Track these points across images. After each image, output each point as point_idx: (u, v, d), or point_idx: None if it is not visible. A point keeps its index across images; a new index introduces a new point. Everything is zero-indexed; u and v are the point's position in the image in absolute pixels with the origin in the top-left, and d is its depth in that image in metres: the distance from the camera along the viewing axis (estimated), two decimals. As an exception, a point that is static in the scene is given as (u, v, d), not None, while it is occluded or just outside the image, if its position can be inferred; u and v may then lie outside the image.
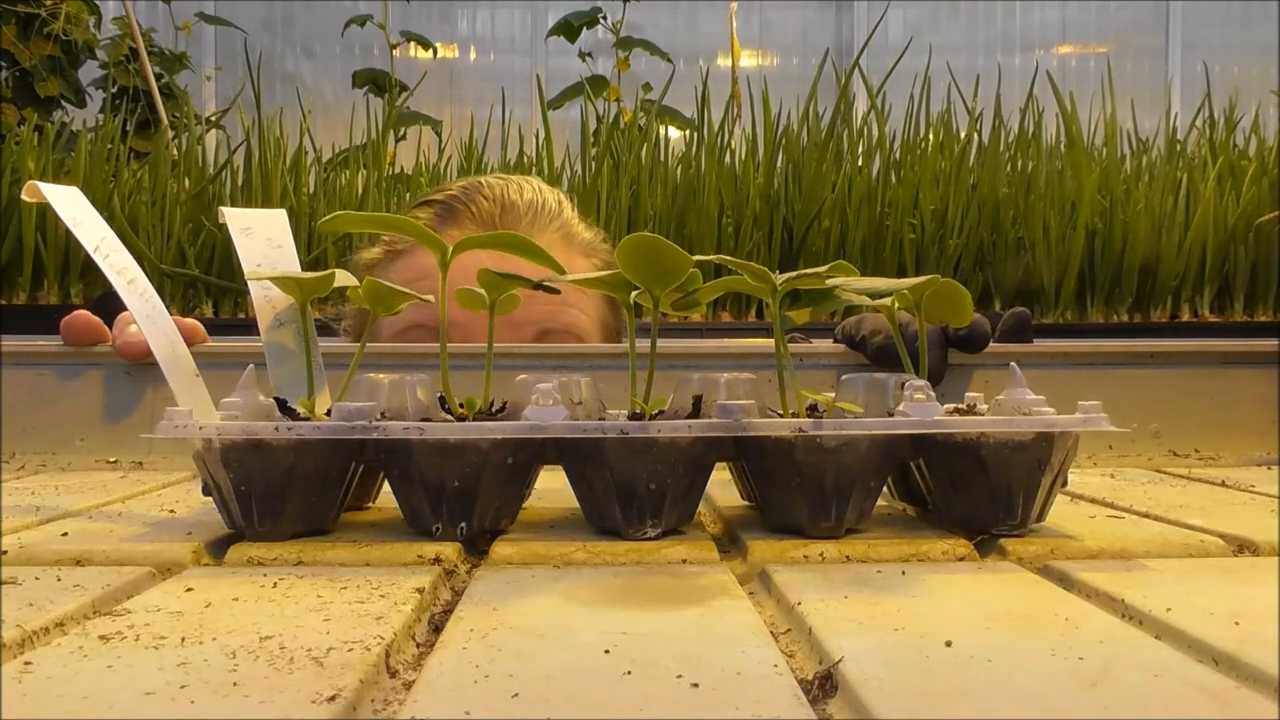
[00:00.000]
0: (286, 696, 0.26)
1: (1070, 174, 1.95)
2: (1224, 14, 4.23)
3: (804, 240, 1.89)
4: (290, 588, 0.37)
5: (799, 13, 4.33)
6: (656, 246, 0.45)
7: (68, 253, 1.86)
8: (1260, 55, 3.98)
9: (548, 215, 0.93)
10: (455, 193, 0.94)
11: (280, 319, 0.53)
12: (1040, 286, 1.91)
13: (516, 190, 0.94)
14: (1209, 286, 1.94)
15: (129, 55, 2.71)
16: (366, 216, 0.55)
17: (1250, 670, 0.27)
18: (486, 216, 0.90)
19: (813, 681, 0.28)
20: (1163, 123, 2.18)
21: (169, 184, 1.91)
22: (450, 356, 0.50)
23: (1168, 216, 1.91)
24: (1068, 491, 0.55)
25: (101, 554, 0.42)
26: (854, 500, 0.45)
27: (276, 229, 0.56)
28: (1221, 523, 0.48)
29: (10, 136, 2.03)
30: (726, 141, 1.97)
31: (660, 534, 0.45)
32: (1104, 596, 0.36)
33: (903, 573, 0.40)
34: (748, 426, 0.44)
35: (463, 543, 0.44)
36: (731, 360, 0.75)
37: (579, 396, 0.49)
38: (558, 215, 0.94)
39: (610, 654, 0.29)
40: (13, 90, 2.56)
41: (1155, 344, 0.77)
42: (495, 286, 0.50)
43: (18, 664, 0.28)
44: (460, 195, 0.93)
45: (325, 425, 0.44)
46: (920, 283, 0.47)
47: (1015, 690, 0.26)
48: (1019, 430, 0.44)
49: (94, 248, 0.52)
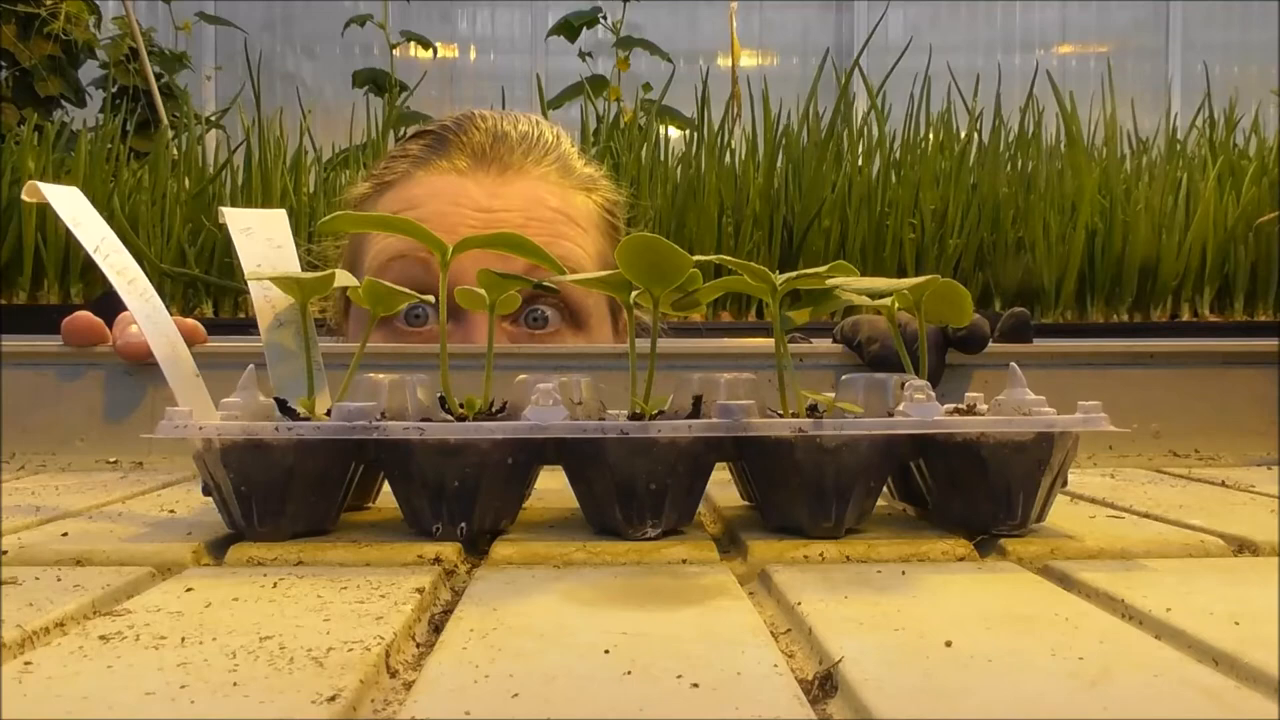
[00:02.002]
0: (286, 696, 0.26)
1: (1070, 174, 1.95)
2: (1224, 14, 4.23)
3: (804, 240, 1.89)
4: (290, 588, 0.37)
5: (799, 13, 4.32)
6: (656, 246, 0.45)
7: (68, 253, 1.86)
8: (1260, 55, 3.98)
9: (543, 147, 0.89)
10: (447, 123, 0.90)
11: (280, 319, 0.53)
12: (1040, 286, 1.91)
13: (511, 122, 0.90)
14: (1209, 286, 1.94)
15: (129, 55, 2.71)
16: (366, 216, 0.55)
17: (1250, 670, 0.27)
18: (477, 148, 0.87)
19: (813, 681, 0.28)
20: (1163, 123, 2.18)
21: (169, 184, 1.91)
22: (450, 357, 0.50)
23: (1168, 216, 1.91)
24: (1068, 491, 0.55)
25: (101, 554, 0.42)
26: (854, 500, 0.45)
27: (276, 229, 0.56)
28: (1221, 523, 0.48)
29: (10, 136, 2.03)
30: (726, 141, 1.97)
31: (660, 534, 0.45)
32: (1104, 596, 0.36)
33: (903, 573, 0.40)
34: (748, 426, 0.44)
35: (463, 543, 0.44)
36: (731, 360, 0.75)
37: (579, 396, 0.49)
38: (554, 148, 0.90)
39: (610, 654, 0.29)
40: (13, 90, 2.56)
41: (1155, 344, 0.77)
42: (495, 286, 0.50)
43: (18, 664, 0.28)
44: (452, 126, 0.89)
45: (325, 425, 0.44)
46: (920, 283, 0.47)
47: (1015, 690, 0.26)
48: (1019, 430, 0.44)
49: (94, 248, 0.52)
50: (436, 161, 0.86)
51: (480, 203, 0.83)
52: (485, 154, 0.86)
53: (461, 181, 0.84)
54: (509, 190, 0.84)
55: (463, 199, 0.83)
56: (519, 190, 0.84)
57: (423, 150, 0.88)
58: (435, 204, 0.83)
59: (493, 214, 0.82)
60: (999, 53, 4.13)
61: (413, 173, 0.87)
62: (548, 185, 0.86)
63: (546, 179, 0.86)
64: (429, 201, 0.84)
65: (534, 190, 0.85)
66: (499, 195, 0.83)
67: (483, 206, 0.82)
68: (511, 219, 0.82)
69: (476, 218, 0.82)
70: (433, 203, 0.83)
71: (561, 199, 0.86)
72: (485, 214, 0.82)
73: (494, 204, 0.83)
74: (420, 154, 0.88)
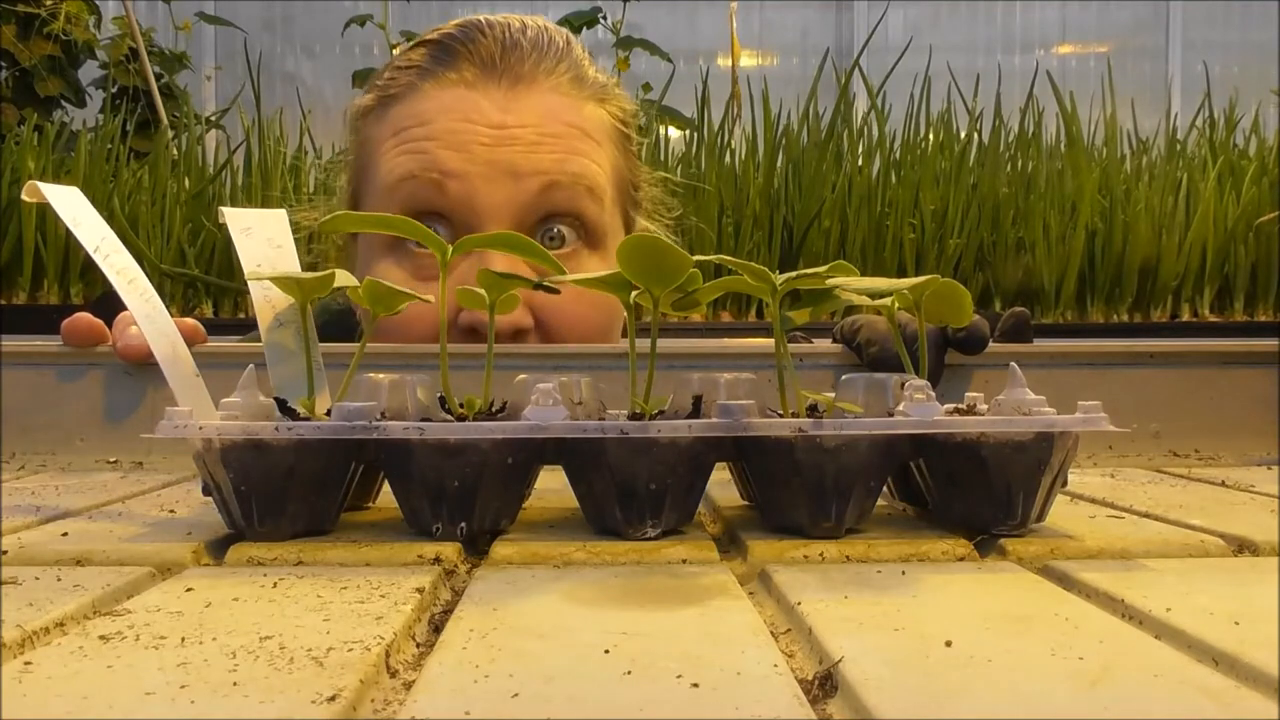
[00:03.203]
0: (286, 696, 0.26)
1: (1070, 174, 1.95)
2: (1224, 14, 4.23)
3: (804, 240, 1.89)
4: (290, 588, 0.37)
5: (799, 13, 4.32)
6: (656, 246, 0.45)
7: (68, 253, 1.86)
8: (1260, 55, 3.98)
9: (554, 55, 0.84)
10: (452, 31, 0.84)
11: (280, 319, 0.53)
12: (1040, 286, 1.91)
13: (519, 28, 0.84)
14: (1209, 286, 1.94)
15: (129, 55, 2.71)
16: (366, 216, 0.55)
17: (1250, 670, 0.27)
18: (487, 57, 0.81)
19: (813, 681, 0.28)
20: (1163, 123, 2.18)
21: (169, 184, 1.92)
22: (450, 357, 0.50)
23: (1168, 216, 1.91)
24: (1068, 491, 0.55)
25: (101, 554, 0.42)
26: (854, 500, 0.45)
27: (276, 229, 0.56)
28: (1221, 523, 0.48)
29: (10, 136, 2.03)
30: (726, 141, 1.97)
31: (660, 534, 0.45)
32: (1104, 596, 0.36)
33: (903, 573, 0.40)
34: (748, 426, 0.44)
35: (463, 543, 0.44)
36: (731, 360, 0.75)
37: (579, 396, 0.49)
38: (565, 55, 0.84)
39: (610, 654, 0.29)
40: (13, 90, 2.57)
41: (1155, 344, 0.77)
42: (495, 286, 0.50)
43: (18, 664, 0.28)
44: (458, 34, 0.83)
45: (325, 425, 0.44)
46: (920, 283, 0.47)
47: (1015, 690, 0.26)
48: (1019, 430, 0.44)
49: (94, 248, 0.52)
50: (443, 73, 0.81)
51: (492, 118, 0.79)
52: (495, 64, 0.81)
53: (471, 95, 0.80)
54: (521, 104, 0.80)
55: (474, 114, 0.79)
56: (531, 104, 0.81)
57: (428, 61, 0.83)
58: (445, 120, 0.80)
59: (505, 130, 0.79)
60: (999, 53, 4.13)
61: (419, 85, 0.82)
62: (560, 97, 0.83)
63: (559, 90, 0.82)
64: (439, 118, 0.80)
65: (546, 103, 0.81)
66: (511, 110, 0.80)
67: (495, 122, 0.79)
68: (525, 135, 0.79)
69: (489, 134, 0.78)
70: (442, 119, 0.80)
71: (575, 111, 0.83)
72: (497, 130, 0.79)
73: (506, 119, 0.79)
74: (426, 65, 0.83)
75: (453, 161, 0.78)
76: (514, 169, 0.78)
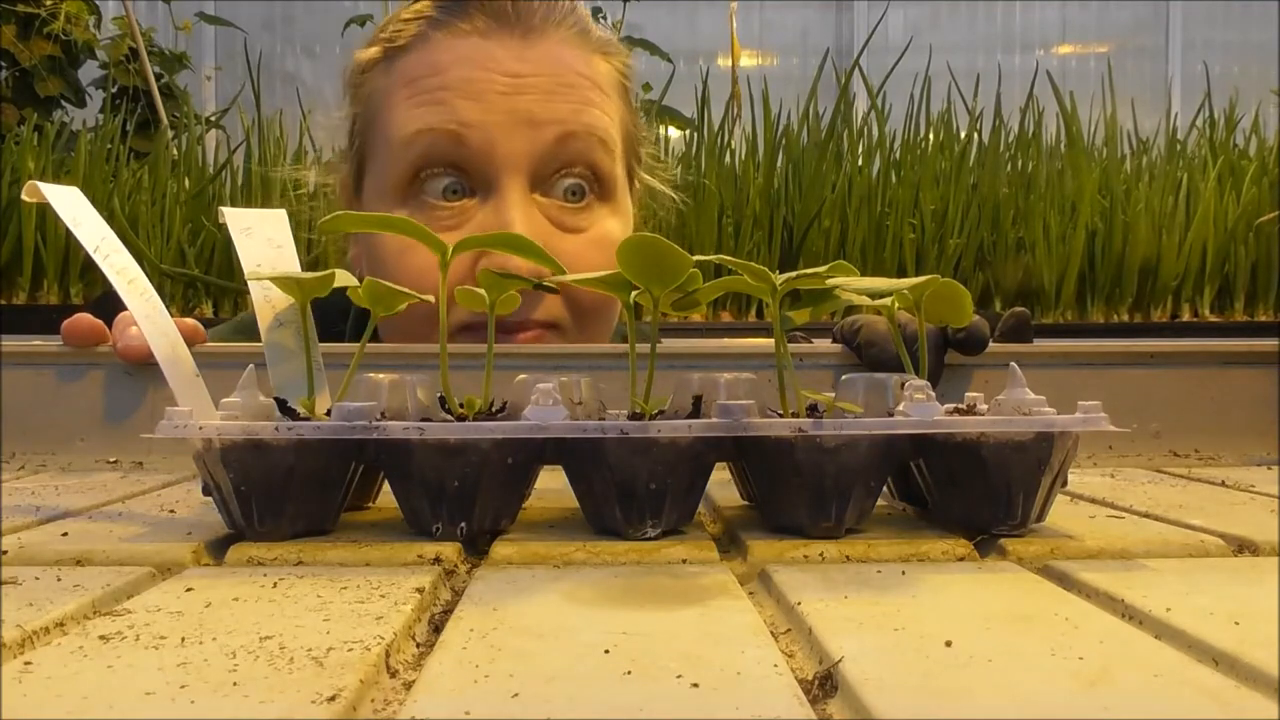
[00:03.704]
0: (286, 696, 0.26)
1: (1070, 174, 1.95)
2: (1224, 14, 4.23)
3: (804, 240, 1.89)
4: (290, 588, 0.37)
5: (799, 13, 4.32)
6: (657, 246, 0.45)
7: (68, 253, 1.86)
8: (1260, 55, 3.98)
9: (561, 8, 0.84)
10: None
11: (280, 319, 0.53)
12: (1040, 286, 1.91)
13: None
14: (1209, 286, 1.94)
15: (129, 55, 2.71)
16: (366, 216, 0.55)
17: (1250, 670, 0.27)
18: (498, 8, 0.81)
19: (813, 681, 0.28)
20: (1163, 123, 2.18)
21: (169, 184, 1.92)
22: (450, 356, 0.50)
23: (1168, 216, 1.91)
24: (1068, 491, 0.55)
25: (101, 554, 0.42)
26: (854, 500, 0.45)
27: (277, 229, 0.56)
28: (1221, 523, 0.48)
29: (10, 136, 2.03)
30: (726, 141, 1.97)
31: (660, 534, 0.45)
32: (1104, 596, 0.36)
33: (903, 573, 0.40)
34: (748, 426, 0.44)
35: (463, 543, 0.44)
36: (731, 360, 0.75)
37: (579, 396, 0.49)
38: (571, 10, 0.85)
39: (610, 654, 0.29)
40: (13, 90, 2.57)
41: (1155, 344, 0.77)
42: (495, 286, 0.50)
43: (18, 664, 0.28)
44: None
45: (325, 425, 0.44)
46: (920, 283, 0.47)
47: (1015, 690, 0.26)
48: (1019, 430, 0.44)
49: (94, 248, 0.52)
50: (455, 23, 0.81)
51: (507, 66, 0.79)
52: (506, 14, 0.81)
53: (485, 44, 0.80)
54: (534, 54, 0.80)
55: (489, 63, 0.79)
56: (544, 53, 0.81)
57: (438, 10, 0.82)
58: (460, 69, 0.79)
59: (520, 79, 0.79)
60: (999, 53, 4.14)
61: (429, 34, 0.82)
62: (570, 49, 0.83)
63: (568, 42, 0.83)
64: (453, 67, 0.79)
65: (558, 53, 0.81)
66: (525, 59, 0.80)
67: (510, 71, 0.79)
68: (540, 84, 0.79)
69: (504, 83, 0.78)
70: (457, 68, 0.79)
71: (585, 63, 0.83)
72: (513, 79, 0.79)
73: (521, 68, 0.79)
74: (436, 14, 0.82)
75: (471, 111, 0.77)
76: (531, 118, 0.77)
